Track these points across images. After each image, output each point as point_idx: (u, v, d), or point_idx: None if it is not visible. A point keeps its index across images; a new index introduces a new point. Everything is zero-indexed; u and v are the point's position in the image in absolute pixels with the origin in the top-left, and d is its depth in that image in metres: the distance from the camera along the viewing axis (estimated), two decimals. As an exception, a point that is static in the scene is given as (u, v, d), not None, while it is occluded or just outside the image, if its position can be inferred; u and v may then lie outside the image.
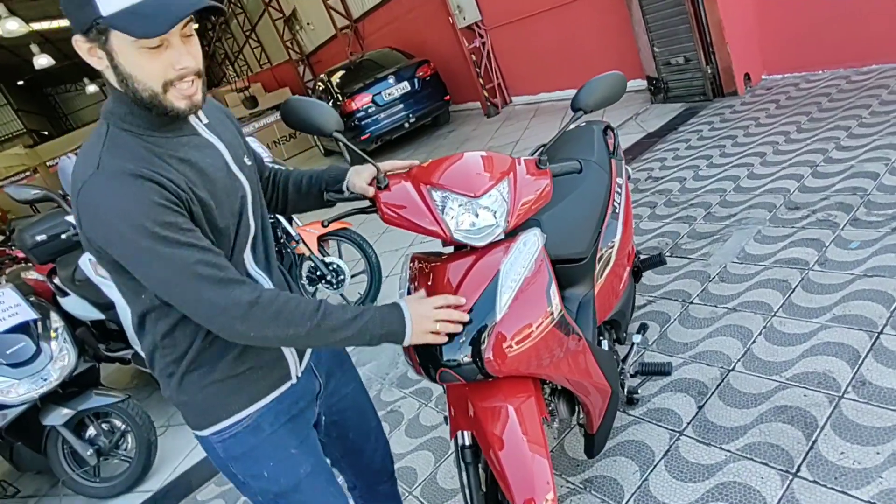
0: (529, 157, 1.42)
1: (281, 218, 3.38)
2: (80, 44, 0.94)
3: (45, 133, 25.34)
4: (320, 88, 9.06)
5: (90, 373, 2.88)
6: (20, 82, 23.76)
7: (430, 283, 1.31)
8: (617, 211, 1.92)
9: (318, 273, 3.53)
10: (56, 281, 3.41)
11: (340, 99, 7.93)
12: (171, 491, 2.69)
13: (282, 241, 3.50)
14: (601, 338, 1.79)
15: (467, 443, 1.34)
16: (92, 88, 25.62)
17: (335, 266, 3.53)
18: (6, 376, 2.55)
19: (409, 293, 1.35)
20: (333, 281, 3.54)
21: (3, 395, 2.52)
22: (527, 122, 6.71)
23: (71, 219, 3.08)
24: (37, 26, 15.97)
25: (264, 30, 16.87)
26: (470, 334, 1.21)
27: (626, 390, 1.97)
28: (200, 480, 2.64)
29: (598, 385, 1.45)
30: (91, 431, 2.78)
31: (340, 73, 8.70)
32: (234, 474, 1.17)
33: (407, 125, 7.80)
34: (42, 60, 16.53)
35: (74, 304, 3.35)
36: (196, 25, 1.03)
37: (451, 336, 1.18)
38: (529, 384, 1.30)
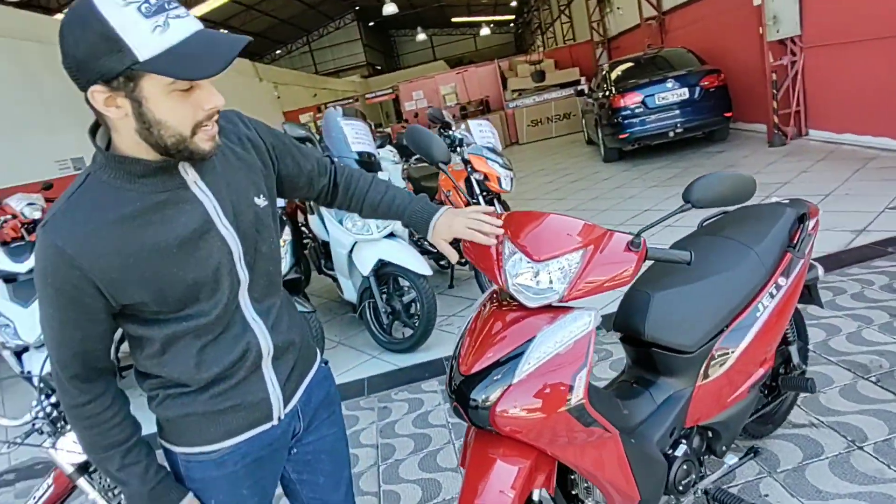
0: (626, 234, 1.34)
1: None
2: (96, 94, 0.86)
3: (379, 67, 30.07)
4: (600, 76, 8.95)
5: (295, 283, 3.57)
6: (371, 23, 28.43)
7: (478, 324, 1.39)
8: (758, 315, 1.66)
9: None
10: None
11: (612, 92, 7.75)
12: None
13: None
14: (682, 441, 1.62)
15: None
16: (422, 37, 29.34)
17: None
18: None
19: (467, 327, 1.43)
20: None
21: None
22: (811, 164, 5.70)
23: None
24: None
25: (577, 7, 17.03)
26: (498, 383, 1.27)
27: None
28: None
29: (618, 486, 1.36)
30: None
31: (626, 65, 8.47)
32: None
33: (672, 134, 7.29)
34: (389, 8, 19.51)
35: (316, 224, 4.16)
36: None
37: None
38: (533, 452, 1.30)
